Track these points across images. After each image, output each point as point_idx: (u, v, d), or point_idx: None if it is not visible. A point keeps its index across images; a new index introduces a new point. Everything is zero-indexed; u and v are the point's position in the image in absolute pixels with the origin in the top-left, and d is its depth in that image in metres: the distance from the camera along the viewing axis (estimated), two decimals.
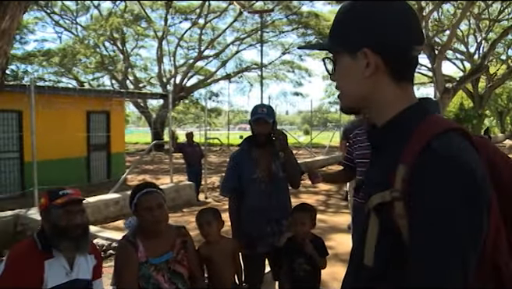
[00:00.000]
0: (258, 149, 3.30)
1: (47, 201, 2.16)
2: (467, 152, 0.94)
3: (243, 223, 3.27)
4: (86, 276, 2.25)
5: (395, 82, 1.04)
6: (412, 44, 1.04)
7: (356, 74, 1.05)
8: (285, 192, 3.40)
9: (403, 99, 1.05)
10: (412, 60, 1.06)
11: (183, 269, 2.57)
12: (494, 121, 54.14)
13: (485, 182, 0.93)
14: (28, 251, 2.11)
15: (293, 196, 3.63)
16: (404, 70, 1.06)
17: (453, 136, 0.96)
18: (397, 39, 1.03)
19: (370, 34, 1.03)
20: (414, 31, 1.05)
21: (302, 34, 29.76)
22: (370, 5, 1.06)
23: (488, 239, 0.93)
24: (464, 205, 0.88)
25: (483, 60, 23.18)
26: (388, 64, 1.03)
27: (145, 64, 33.81)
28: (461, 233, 0.87)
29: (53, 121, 10.59)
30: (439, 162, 0.91)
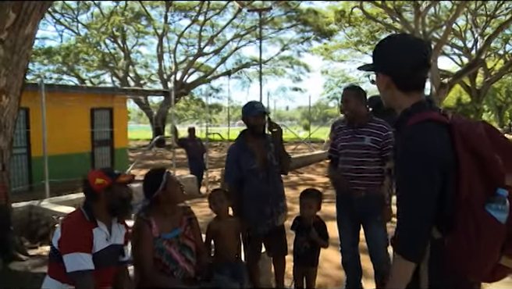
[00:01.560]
0: (253, 141, 3.73)
1: (109, 181, 2.57)
2: (427, 136, 1.55)
3: (245, 208, 3.68)
4: (120, 242, 2.70)
5: (403, 92, 1.68)
6: (414, 69, 1.65)
7: (380, 87, 1.74)
8: (279, 178, 3.83)
9: (408, 102, 1.67)
10: (416, 78, 1.68)
11: (190, 243, 2.99)
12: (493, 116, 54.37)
13: (439, 155, 1.52)
14: (79, 221, 2.55)
15: (291, 188, 4.07)
16: (409, 85, 1.68)
17: (424, 125, 1.58)
18: (401, 66, 1.65)
19: (381, 64, 1.72)
20: (416, 60, 1.66)
21: (301, 31, 30.09)
22: (383, 45, 1.74)
23: (461, 186, 1.49)
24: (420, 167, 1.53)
25: (479, 55, 23.48)
26: (396, 82, 1.68)
27: (146, 61, 34.16)
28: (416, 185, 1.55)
29: (58, 118, 10.90)
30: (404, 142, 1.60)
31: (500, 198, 1.46)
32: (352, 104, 3.60)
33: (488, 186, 1.48)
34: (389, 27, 24.88)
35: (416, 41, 1.76)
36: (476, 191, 1.48)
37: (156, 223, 2.88)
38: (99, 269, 2.50)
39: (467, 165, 1.49)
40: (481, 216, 1.46)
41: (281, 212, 3.78)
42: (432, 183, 1.52)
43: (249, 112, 3.72)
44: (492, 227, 1.45)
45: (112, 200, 2.56)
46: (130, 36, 30.09)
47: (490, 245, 1.48)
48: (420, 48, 1.68)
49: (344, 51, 33.64)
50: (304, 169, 14.34)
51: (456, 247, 1.52)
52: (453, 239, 1.52)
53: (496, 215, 1.46)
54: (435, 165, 1.52)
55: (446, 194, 1.53)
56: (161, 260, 2.85)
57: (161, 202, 2.93)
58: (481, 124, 1.60)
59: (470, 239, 1.48)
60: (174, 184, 2.95)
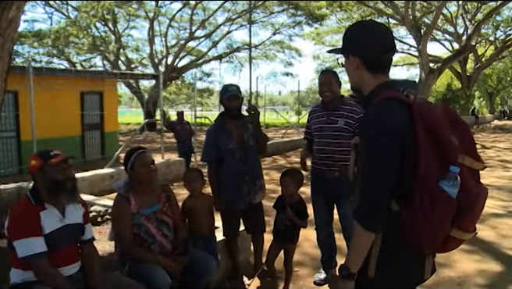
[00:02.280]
0: (231, 123, 3.86)
1: (41, 162, 2.59)
2: (388, 112, 1.67)
3: (223, 186, 3.84)
4: (77, 221, 2.73)
5: (371, 73, 1.81)
6: (382, 51, 1.79)
7: (350, 68, 1.86)
8: (256, 157, 3.97)
9: (375, 82, 1.80)
10: (384, 60, 1.82)
11: (168, 219, 3.14)
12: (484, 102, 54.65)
13: (399, 130, 1.63)
14: (24, 206, 2.56)
15: (278, 171, 4.22)
16: (377, 66, 1.81)
17: (386, 102, 1.70)
18: (369, 49, 1.79)
19: (352, 46, 1.85)
20: (384, 43, 1.80)
21: (292, 15, 29.93)
22: (354, 28, 1.88)
23: (419, 164, 1.60)
24: (380, 142, 1.64)
25: (468, 41, 23.59)
26: (365, 63, 1.80)
27: (137, 45, 33.92)
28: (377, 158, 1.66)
29: (48, 101, 10.92)
30: (367, 117, 1.76)
31: (452, 175, 1.57)
32: (334, 87, 3.75)
33: (442, 163, 1.59)
34: (380, 12, 24.89)
35: (383, 26, 1.89)
36: (432, 169, 1.60)
37: (134, 199, 3.01)
38: (55, 250, 2.54)
39: (425, 144, 1.60)
40: (435, 191, 1.58)
41: (258, 191, 3.93)
42: (393, 157, 1.63)
43: (223, 95, 3.86)
44: (444, 201, 1.57)
45: (44, 181, 2.57)
46: (121, 19, 29.85)
47: (442, 218, 1.60)
48: (387, 32, 1.84)
49: (336, 36, 33.64)
50: (293, 152, 14.51)
51: (412, 219, 1.64)
52: (410, 212, 1.64)
53: (448, 190, 1.57)
54: (396, 139, 1.62)
55: (403, 170, 1.65)
56: (140, 234, 3.00)
57: (133, 179, 3.08)
58: (440, 106, 1.72)
59: (425, 212, 1.60)
60: (141, 164, 3.04)
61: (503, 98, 60.51)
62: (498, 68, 44.32)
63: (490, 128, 30.10)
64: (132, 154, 3.07)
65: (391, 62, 1.86)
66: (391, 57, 1.85)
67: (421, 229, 1.64)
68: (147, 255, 2.96)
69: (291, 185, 3.70)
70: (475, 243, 5.06)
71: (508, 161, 12.73)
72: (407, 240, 1.69)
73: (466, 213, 1.61)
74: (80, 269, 2.75)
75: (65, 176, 2.62)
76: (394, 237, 1.71)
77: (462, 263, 4.55)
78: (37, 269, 2.48)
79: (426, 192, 1.60)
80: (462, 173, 1.59)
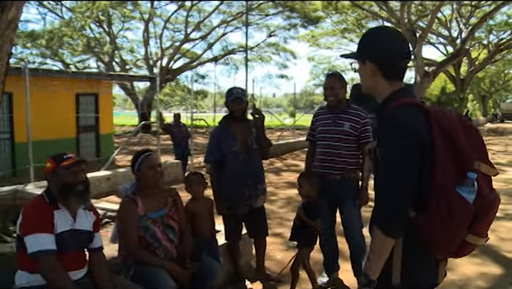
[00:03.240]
0: (235, 125, 3.87)
1: (54, 164, 2.61)
2: (407, 116, 1.68)
3: (225, 189, 3.83)
4: (86, 228, 2.73)
5: (386, 80, 1.80)
6: (399, 59, 1.80)
7: (365, 74, 1.85)
8: (258, 161, 3.99)
9: (390, 89, 1.80)
10: (399, 67, 1.81)
11: (174, 223, 3.12)
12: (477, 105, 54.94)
13: (417, 134, 1.64)
14: (39, 204, 2.60)
15: (275, 174, 4.22)
16: (393, 73, 1.81)
17: (403, 107, 1.72)
18: (387, 56, 1.78)
19: (369, 52, 1.83)
20: (401, 51, 1.81)
21: (288, 17, 29.94)
22: (372, 34, 1.91)
23: (436, 169, 1.61)
24: (401, 145, 1.64)
25: (462, 45, 23.69)
26: (381, 70, 1.79)
27: (131, 46, 33.75)
28: (397, 161, 1.64)
29: (43, 103, 10.83)
30: (386, 122, 1.72)
31: (470, 181, 1.59)
32: (338, 91, 3.74)
33: (459, 169, 1.61)
34: (376, 15, 24.96)
35: (400, 33, 1.91)
36: (449, 174, 1.61)
37: (142, 202, 3.00)
38: (63, 252, 2.54)
39: (442, 150, 1.62)
40: (452, 197, 1.59)
41: (259, 195, 3.93)
42: (411, 160, 1.64)
43: (228, 98, 3.87)
44: (461, 207, 1.59)
45: (56, 183, 2.59)
46: (116, 20, 29.74)
47: (459, 223, 1.61)
48: (404, 40, 1.85)
49: (331, 39, 33.77)
50: (289, 155, 14.50)
51: (428, 225, 1.64)
52: (426, 218, 1.64)
53: (465, 196, 1.58)
54: (414, 142, 1.63)
55: (421, 175, 1.65)
56: (146, 238, 2.97)
57: (140, 182, 3.08)
58: (454, 112, 1.73)
59: (442, 218, 1.61)
60: (147, 167, 3.04)
61: (495, 102, 60.89)
62: (491, 71, 44.58)
63: (484, 131, 30.21)
64: (139, 156, 3.08)
65: (406, 69, 1.87)
66: (407, 64, 1.87)
67: (437, 234, 1.64)
68: (153, 259, 2.94)
69: (306, 185, 3.66)
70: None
71: (502, 164, 12.78)
72: (423, 246, 1.69)
73: (482, 219, 1.63)
74: (86, 274, 2.72)
75: (76, 180, 2.62)
76: (412, 243, 1.70)
77: (463, 266, 4.54)
78: (45, 266, 2.47)
79: (443, 198, 1.61)
80: (478, 179, 1.61)
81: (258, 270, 4.15)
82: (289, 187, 9.02)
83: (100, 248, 2.84)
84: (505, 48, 30.30)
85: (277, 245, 5.17)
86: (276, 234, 5.45)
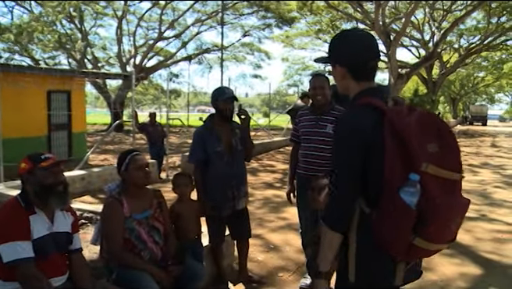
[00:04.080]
0: (220, 126, 3.80)
1: (31, 165, 2.48)
2: (359, 117, 1.74)
3: (209, 189, 3.75)
4: (65, 230, 2.61)
5: (356, 81, 1.86)
6: (367, 60, 1.85)
7: (337, 77, 1.92)
8: (242, 163, 3.94)
9: (358, 89, 1.85)
10: (368, 68, 1.86)
11: (159, 225, 3.04)
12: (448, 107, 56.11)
13: (363, 135, 1.68)
14: (13, 209, 2.45)
15: (252, 174, 4.18)
16: (362, 75, 1.86)
17: (359, 108, 1.79)
18: (355, 58, 1.84)
19: (339, 57, 1.89)
20: (368, 52, 1.85)
21: (262, 17, 29.98)
22: (341, 39, 1.92)
23: (384, 167, 1.62)
24: (346, 145, 1.73)
25: (435, 48, 24.18)
26: (351, 72, 1.86)
27: (104, 43, 33.25)
28: (341, 160, 1.75)
29: (13, 100, 10.58)
30: (339, 122, 1.87)
31: (411, 182, 1.57)
32: (327, 91, 3.72)
33: (407, 170, 1.59)
34: (350, 17, 25.20)
35: (368, 35, 1.92)
36: (396, 173, 1.61)
37: (127, 203, 2.91)
38: (42, 258, 2.43)
39: (391, 148, 1.62)
40: (396, 197, 1.58)
41: (242, 197, 3.88)
42: (355, 160, 1.70)
43: (219, 97, 3.78)
44: (402, 209, 1.57)
45: (33, 185, 2.47)
46: (88, 17, 29.21)
47: (401, 225, 1.60)
48: (372, 41, 1.88)
49: (305, 39, 34.03)
50: (264, 155, 14.48)
51: (379, 221, 1.66)
52: (379, 214, 1.67)
53: (405, 198, 1.57)
54: (358, 144, 1.69)
55: (372, 173, 1.69)
56: (131, 240, 2.88)
57: (126, 183, 2.98)
58: (417, 113, 1.70)
59: (389, 216, 1.63)
60: (136, 167, 2.96)
61: (465, 104, 62.34)
62: (461, 74, 45.67)
63: (455, 133, 30.85)
64: (126, 156, 2.98)
65: (376, 68, 1.91)
66: (376, 64, 1.90)
67: (385, 232, 1.66)
68: (137, 262, 2.85)
69: None
70: (454, 246, 5.13)
71: (475, 165, 13.06)
72: (376, 243, 1.70)
73: (430, 223, 1.59)
74: (67, 279, 2.61)
75: (56, 180, 2.51)
76: (367, 240, 1.72)
77: (443, 266, 4.59)
78: (24, 274, 2.34)
79: (389, 196, 1.61)
80: (426, 181, 1.58)
81: (241, 272, 4.09)
82: (266, 187, 9.03)
83: (79, 250, 2.74)
84: (475, 52, 31.12)
85: (257, 247, 5.12)
86: (256, 236, 5.39)
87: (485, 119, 49.87)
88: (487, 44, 29.80)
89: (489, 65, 40.48)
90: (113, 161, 13.70)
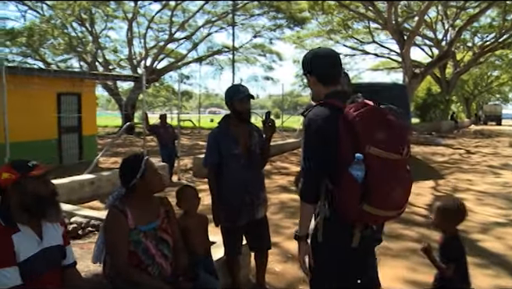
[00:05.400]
0: (236, 127, 3.50)
1: (17, 175, 2.15)
2: (320, 115, 2.19)
3: (224, 195, 3.45)
4: (57, 242, 2.31)
5: (323, 85, 2.33)
6: (330, 69, 2.34)
7: (311, 84, 2.40)
8: (260, 167, 3.63)
9: (325, 92, 2.31)
10: (332, 75, 2.34)
11: (168, 237, 2.73)
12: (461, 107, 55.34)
13: (327, 129, 2.12)
14: None
15: (266, 177, 3.87)
16: (327, 80, 2.33)
17: (320, 107, 2.24)
18: (322, 69, 2.33)
19: (309, 68, 2.37)
20: (329, 62, 2.34)
21: (273, 18, 29.73)
22: (309, 55, 2.40)
23: (339, 154, 2.07)
24: (312, 133, 2.19)
25: (449, 46, 23.68)
26: (319, 79, 2.34)
27: (115, 46, 33.30)
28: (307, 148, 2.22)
29: (23, 103, 10.45)
30: (306, 120, 2.24)
31: (357, 161, 2.00)
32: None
33: (355, 151, 2.01)
34: (362, 16, 24.83)
35: (329, 50, 2.51)
36: (348, 154, 2.03)
37: (132, 214, 2.60)
38: (32, 278, 2.13)
39: (343, 135, 2.07)
40: (346, 173, 2.02)
41: (261, 204, 3.57)
42: (320, 147, 2.16)
43: (234, 96, 3.47)
44: (350, 181, 2.02)
45: (21, 197, 2.15)
46: (99, 20, 29.18)
47: (350, 195, 2.05)
48: (332, 53, 2.40)
49: (316, 40, 33.59)
50: (278, 157, 14.17)
51: (338, 193, 2.11)
52: (337, 189, 2.11)
53: (353, 172, 2.01)
54: (323, 134, 2.15)
55: (331, 155, 2.11)
56: (137, 254, 2.57)
57: (139, 191, 2.66)
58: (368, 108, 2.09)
59: (342, 188, 2.07)
60: (153, 172, 2.68)
61: (478, 104, 61.41)
62: (474, 73, 44.91)
63: (470, 133, 30.32)
64: (139, 162, 2.67)
65: (339, 74, 2.38)
66: (338, 71, 2.37)
67: (341, 201, 2.11)
68: (145, 278, 2.54)
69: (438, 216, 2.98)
70: (485, 256, 4.82)
71: (495, 166, 12.60)
72: (338, 211, 2.15)
73: (373, 191, 2.02)
74: None
75: (50, 190, 2.24)
76: (332, 210, 2.18)
77: (476, 279, 4.23)
78: None
79: (342, 172, 2.04)
80: (370, 160, 1.99)
81: (259, 286, 3.78)
82: (282, 191, 8.71)
83: (73, 264, 2.43)
84: (489, 50, 30.49)
85: (274, 256, 4.77)
86: (273, 244, 5.02)
87: (500, 119, 49.00)
88: (502, 41, 29.12)
89: (504, 63, 39.69)
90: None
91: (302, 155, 2.22)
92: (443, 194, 8.45)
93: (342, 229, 2.18)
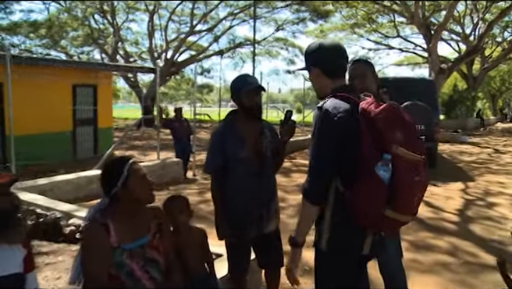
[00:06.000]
0: (244, 125, 2.99)
1: None
2: (339, 108, 1.97)
3: (229, 206, 2.96)
4: (12, 271, 1.89)
5: (329, 79, 2.15)
6: (337, 61, 2.17)
7: (313, 77, 2.23)
8: (272, 173, 3.10)
9: (332, 86, 2.13)
10: (339, 67, 2.18)
11: (158, 256, 2.27)
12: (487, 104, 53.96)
13: (348, 123, 1.93)
14: None
15: (284, 175, 3.41)
16: (333, 73, 2.16)
17: (336, 99, 2.02)
18: (327, 60, 2.16)
19: (313, 59, 2.20)
20: (337, 53, 2.17)
21: (296, 11, 29.20)
22: (313, 46, 2.22)
23: (361, 150, 1.89)
24: (325, 132, 1.99)
25: (479, 41, 22.84)
26: (324, 71, 2.16)
27: (136, 38, 33.26)
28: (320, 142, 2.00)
29: (36, 94, 10.23)
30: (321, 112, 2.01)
31: (385, 161, 1.83)
32: (367, 81, 2.89)
33: (379, 151, 1.85)
34: (388, 9, 24.12)
35: (335, 42, 2.34)
36: (371, 154, 1.86)
37: (115, 229, 2.14)
38: None
39: (366, 133, 1.90)
40: (371, 174, 1.83)
41: (272, 217, 3.04)
42: (333, 143, 1.96)
43: (241, 88, 2.94)
44: (377, 183, 1.83)
45: None
46: (120, 12, 29.07)
47: (375, 198, 1.86)
48: (338, 45, 2.24)
49: (340, 34, 33.01)
50: (298, 154, 13.68)
51: (355, 196, 1.91)
52: (353, 191, 1.91)
53: (380, 174, 1.82)
54: (337, 128, 1.95)
55: (347, 153, 1.94)
56: (119, 277, 2.13)
57: (123, 202, 2.20)
58: (385, 106, 1.92)
59: (365, 190, 1.87)
60: (138, 179, 2.20)
61: (505, 101, 59.76)
62: (502, 69, 43.61)
63: (498, 131, 29.27)
64: (121, 167, 2.20)
65: (345, 67, 2.22)
66: (345, 64, 2.21)
67: (361, 204, 1.90)
68: None
69: None
70: None
71: None
72: (352, 215, 1.94)
73: (399, 195, 1.85)
74: None
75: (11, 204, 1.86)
76: (340, 215, 1.99)
77: None
78: None
79: (366, 173, 1.85)
80: (396, 161, 1.83)
81: None
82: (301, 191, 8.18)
83: None
84: None
85: None
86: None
87: None
88: None
89: None
90: (139, 158, 13.22)
91: (312, 151, 2.02)
92: (475, 197, 7.87)
93: (352, 234, 2.02)
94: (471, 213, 6.73)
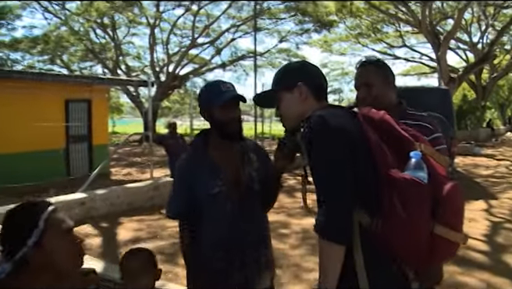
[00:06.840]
0: (219, 149, 2.24)
1: None
2: (336, 115, 1.61)
3: (204, 258, 2.20)
4: None
5: (316, 100, 1.80)
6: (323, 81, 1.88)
7: (297, 100, 1.80)
8: (260, 212, 2.32)
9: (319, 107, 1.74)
10: (324, 89, 1.87)
11: None
12: (496, 113, 53.46)
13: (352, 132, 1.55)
14: None
15: (288, 194, 2.71)
16: (320, 94, 1.83)
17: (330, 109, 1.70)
18: (317, 77, 1.86)
19: (299, 76, 1.82)
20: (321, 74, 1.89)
21: (299, 22, 28.84)
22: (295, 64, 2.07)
23: (378, 162, 1.49)
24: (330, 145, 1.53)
25: (491, 47, 22.31)
26: (312, 92, 1.80)
27: (138, 52, 33.01)
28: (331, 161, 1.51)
29: (26, 110, 9.68)
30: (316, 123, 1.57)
31: (415, 160, 1.47)
32: (378, 89, 2.19)
33: (400, 155, 1.50)
34: (394, 18, 23.64)
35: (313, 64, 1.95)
36: (392, 164, 1.49)
37: None
38: None
39: (376, 142, 1.52)
40: (403, 182, 1.42)
41: (262, 268, 2.25)
42: (342, 159, 1.50)
43: (212, 100, 2.18)
44: (415, 188, 1.42)
45: None
46: (122, 26, 28.79)
47: (417, 209, 1.41)
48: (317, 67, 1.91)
49: (344, 44, 32.90)
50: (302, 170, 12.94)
51: (386, 225, 1.44)
52: (383, 218, 1.44)
53: (416, 174, 1.44)
54: (347, 140, 1.52)
55: (362, 174, 1.50)
56: None
57: (33, 270, 1.47)
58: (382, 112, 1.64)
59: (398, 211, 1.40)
60: (60, 235, 1.49)
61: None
62: (510, 78, 43.04)
63: (510, 141, 28.49)
64: (35, 215, 1.49)
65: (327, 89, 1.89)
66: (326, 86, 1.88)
67: (397, 234, 1.42)
68: None
69: None
70: None
71: None
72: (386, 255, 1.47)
73: (445, 203, 1.44)
74: None
75: None
76: (371, 250, 1.47)
77: None
78: None
79: (394, 187, 1.43)
80: (428, 161, 1.50)
81: None
82: (306, 214, 7.03)
83: None
84: None
85: None
86: None
87: None
88: None
89: None
90: (136, 176, 12.57)
91: (317, 181, 1.52)
92: (502, 219, 7.08)
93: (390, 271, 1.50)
94: (502, 240, 5.90)
